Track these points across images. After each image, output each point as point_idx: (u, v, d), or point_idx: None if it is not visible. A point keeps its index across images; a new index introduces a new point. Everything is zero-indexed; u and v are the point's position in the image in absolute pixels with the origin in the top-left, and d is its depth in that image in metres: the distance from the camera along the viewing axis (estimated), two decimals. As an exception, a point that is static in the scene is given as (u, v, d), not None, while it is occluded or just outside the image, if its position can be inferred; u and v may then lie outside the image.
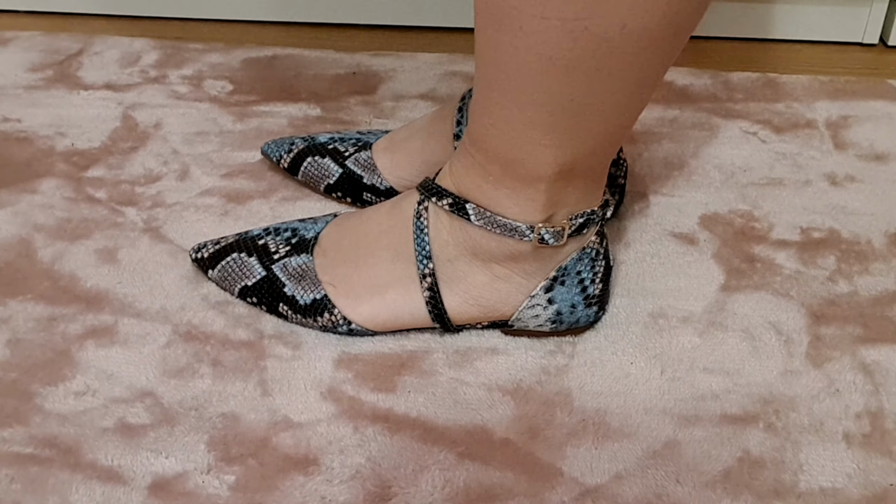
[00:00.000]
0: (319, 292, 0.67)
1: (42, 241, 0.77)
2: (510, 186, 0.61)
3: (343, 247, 0.68)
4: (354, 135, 0.81)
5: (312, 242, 0.69)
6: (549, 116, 0.56)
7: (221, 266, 0.71)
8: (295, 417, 0.63)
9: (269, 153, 0.82)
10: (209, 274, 0.72)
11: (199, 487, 0.59)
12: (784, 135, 0.89)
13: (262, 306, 0.70)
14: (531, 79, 0.55)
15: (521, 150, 0.59)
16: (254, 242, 0.71)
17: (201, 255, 0.72)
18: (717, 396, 0.64)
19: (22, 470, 0.60)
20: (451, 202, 0.63)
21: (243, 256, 0.70)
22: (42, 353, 0.68)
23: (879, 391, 0.64)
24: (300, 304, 0.67)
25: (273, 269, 0.69)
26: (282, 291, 0.68)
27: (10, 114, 0.93)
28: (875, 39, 1.04)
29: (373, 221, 0.68)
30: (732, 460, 0.60)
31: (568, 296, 0.66)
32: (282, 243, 0.70)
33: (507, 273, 0.65)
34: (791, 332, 0.69)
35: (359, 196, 0.79)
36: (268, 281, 0.69)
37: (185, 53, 1.02)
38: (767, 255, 0.75)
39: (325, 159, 0.79)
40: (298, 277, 0.68)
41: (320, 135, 0.82)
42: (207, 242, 0.73)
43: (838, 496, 0.58)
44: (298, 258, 0.69)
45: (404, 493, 0.58)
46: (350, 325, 0.67)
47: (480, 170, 0.62)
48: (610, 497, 0.58)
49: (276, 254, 0.69)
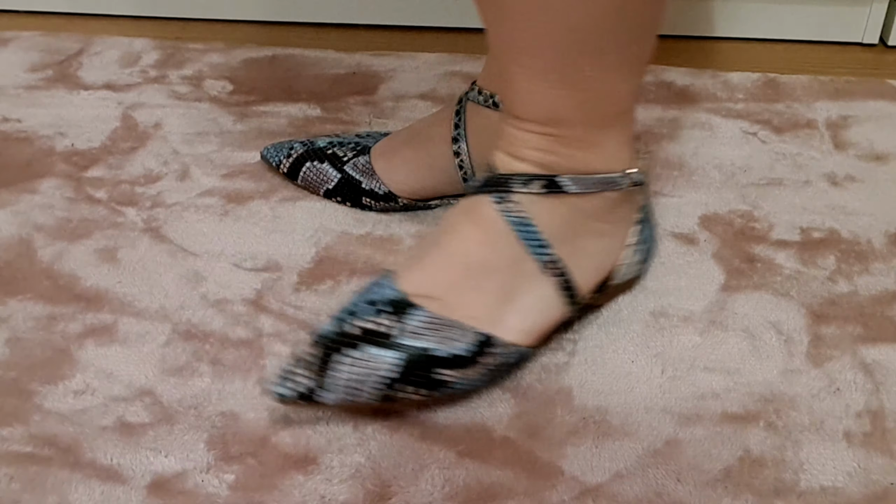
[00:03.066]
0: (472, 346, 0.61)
1: (42, 241, 0.77)
2: (596, 142, 0.61)
3: (440, 283, 0.62)
4: (353, 138, 0.81)
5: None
6: (617, 55, 0.57)
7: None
8: (294, 416, 0.63)
9: (268, 158, 0.82)
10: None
11: (198, 486, 0.59)
12: (784, 135, 0.89)
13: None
14: (598, 28, 0.55)
15: (603, 101, 0.59)
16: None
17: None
18: (718, 395, 0.64)
19: (21, 469, 0.60)
20: (544, 183, 0.61)
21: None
22: (42, 351, 0.67)
23: (880, 390, 0.64)
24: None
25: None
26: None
27: (10, 114, 0.93)
28: (875, 39, 1.04)
29: (455, 248, 0.62)
30: (733, 459, 0.60)
31: (650, 231, 0.67)
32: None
33: (608, 228, 0.65)
34: (791, 332, 0.69)
35: (358, 201, 0.79)
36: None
37: (186, 53, 1.02)
38: (767, 255, 0.75)
39: (323, 164, 0.79)
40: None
41: (319, 139, 0.82)
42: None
43: (839, 495, 0.58)
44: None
45: (404, 492, 0.58)
46: (517, 348, 0.63)
47: (560, 139, 0.60)
48: (610, 496, 0.58)
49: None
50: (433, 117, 0.77)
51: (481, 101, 0.72)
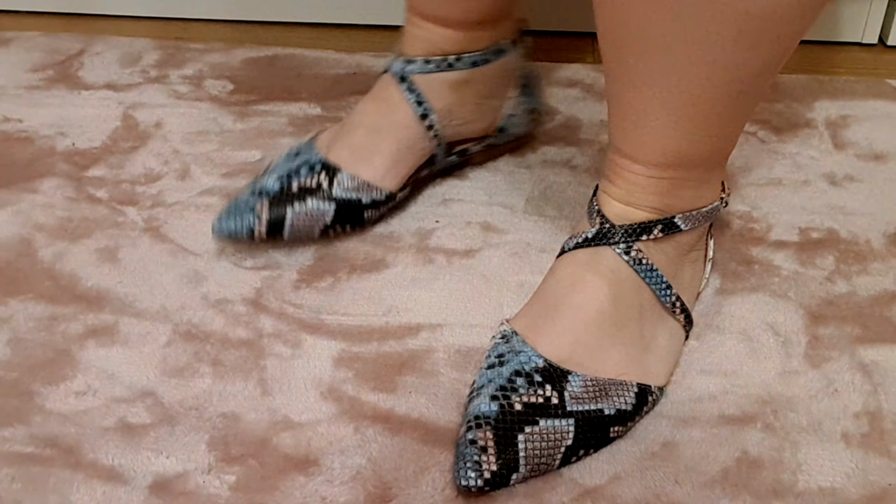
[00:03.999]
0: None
1: (43, 241, 0.77)
2: (709, 179, 0.64)
3: (581, 343, 0.62)
4: (294, 162, 0.76)
5: None
6: (751, 99, 0.60)
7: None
8: (295, 417, 0.63)
9: (233, 230, 0.72)
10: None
11: (199, 487, 0.59)
12: (783, 135, 0.89)
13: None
14: (717, 90, 0.57)
15: (727, 143, 0.63)
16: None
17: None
18: (715, 397, 0.64)
19: (23, 469, 0.60)
20: (661, 228, 0.63)
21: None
22: (43, 352, 0.68)
23: (878, 391, 0.64)
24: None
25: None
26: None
27: (10, 114, 0.93)
28: (874, 39, 1.04)
29: (587, 304, 0.62)
30: (731, 460, 0.60)
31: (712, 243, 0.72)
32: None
33: (697, 254, 0.68)
34: (789, 333, 0.69)
35: (359, 220, 0.76)
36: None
37: (186, 53, 1.02)
38: (765, 256, 0.75)
39: (307, 202, 0.73)
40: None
41: (262, 181, 0.74)
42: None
43: (837, 496, 0.58)
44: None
45: (405, 494, 0.58)
46: (664, 391, 0.64)
47: (680, 182, 0.62)
48: (609, 497, 0.58)
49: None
50: (380, 105, 0.77)
51: (434, 68, 0.75)
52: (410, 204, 0.81)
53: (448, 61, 0.75)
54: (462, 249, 0.76)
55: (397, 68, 0.76)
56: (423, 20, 0.75)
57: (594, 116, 0.92)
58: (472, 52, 0.76)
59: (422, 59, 0.75)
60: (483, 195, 0.82)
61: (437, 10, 0.74)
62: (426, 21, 0.75)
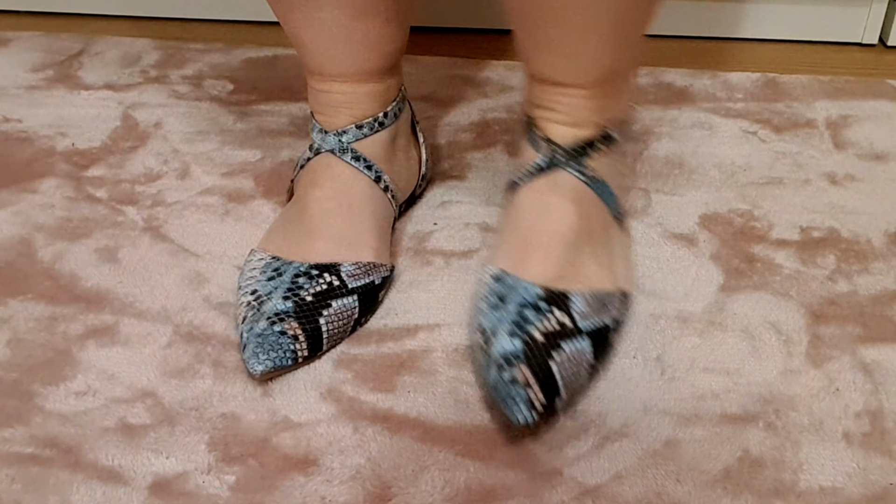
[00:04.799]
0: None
1: (42, 241, 0.77)
2: (624, 90, 0.69)
3: (564, 263, 0.65)
4: (288, 271, 0.69)
5: None
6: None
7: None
8: (295, 418, 0.63)
9: (275, 366, 0.64)
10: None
11: (199, 487, 0.59)
12: (784, 134, 0.89)
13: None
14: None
15: (641, 49, 0.69)
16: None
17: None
18: (717, 396, 0.64)
19: (23, 470, 0.60)
20: (605, 142, 0.68)
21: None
22: (43, 352, 0.68)
23: (879, 390, 0.64)
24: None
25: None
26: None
27: (10, 114, 0.93)
28: (874, 39, 1.04)
29: (559, 227, 0.65)
30: (732, 459, 0.60)
31: None
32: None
33: (622, 163, 0.73)
34: (791, 332, 0.69)
35: (375, 298, 0.70)
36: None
37: (186, 53, 1.02)
38: (767, 254, 0.75)
39: (333, 303, 0.67)
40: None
41: (271, 306, 0.66)
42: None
43: (838, 495, 0.58)
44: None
45: (404, 493, 0.58)
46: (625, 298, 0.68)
47: (609, 94, 0.67)
48: (610, 496, 0.58)
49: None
50: (335, 186, 0.71)
51: (368, 132, 0.72)
52: (409, 207, 0.81)
53: (378, 120, 0.72)
54: (460, 250, 0.76)
55: (332, 143, 0.72)
56: (331, 81, 0.71)
57: (594, 116, 0.91)
58: (391, 102, 0.74)
59: (353, 126, 0.72)
60: (481, 196, 0.82)
61: (340, 65, 0.70)
62: (335, 82, 0.71)
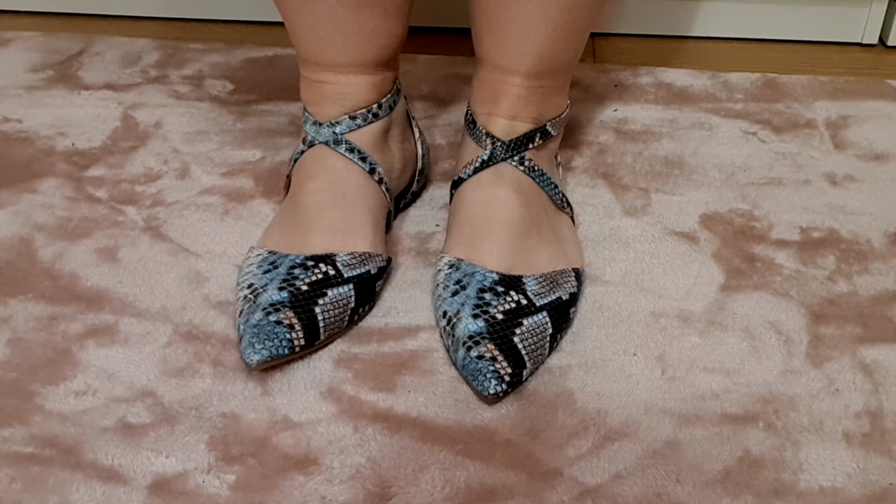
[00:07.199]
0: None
1: (42, 241, 0.77)
2: (564, 87, 0.73)
3: (516, 250, 0.69)
4: (276, 270, 0.69)
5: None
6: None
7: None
8: (295, 417, 0.63)
9: (271, 356, 0.64)
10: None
11: (199, 487, 0.59)
12: (784, 135, 0.89)
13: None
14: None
15: (581, 47, 0.71)
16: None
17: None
18: (717, 396, 0.64)
19: (22, 469, 0.60)
20: (540, 135, 0.72)
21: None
22: (42, 352, 0.68)
23: (879, 391, 0.64)
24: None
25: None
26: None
27: (10, 114, 0.93)
28: (874, 40, 1.04)
29: (507, 216, 0.70)
30: (732, 460, 0.60)
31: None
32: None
33: (553, 158, 0.77)
34: (791, 332, 0.69)
35: (372, 289, 0.70)
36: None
37: (186, 54, 1.02)
38: (767, 254, 0.75)
39: (329, 293, 0.67)
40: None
41: (267, 296, 0.66)
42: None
43: (838, 495, 0.58)
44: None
45: (404, 492, 0.58)
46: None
47: (549, 90, 0.71)
48: (610, 497, 0.58)
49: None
50: (328, 178, 0.72)
51: (361, 123, 0.72)
52: (411, 208, 0.81)
53: (372, 111, 0.72)
54: (462, 249, 0.76)
55: (326, 135, 0.72)
56: (326, 72, 0.71)
57: (593, 117, 0.92)
58: (386, 94, 0.74)
59: (346, 117, 0.72)
60: (483, 195, 0.82)
61: (336, 55, 0.70)
62: (330, 72, 0.71)
